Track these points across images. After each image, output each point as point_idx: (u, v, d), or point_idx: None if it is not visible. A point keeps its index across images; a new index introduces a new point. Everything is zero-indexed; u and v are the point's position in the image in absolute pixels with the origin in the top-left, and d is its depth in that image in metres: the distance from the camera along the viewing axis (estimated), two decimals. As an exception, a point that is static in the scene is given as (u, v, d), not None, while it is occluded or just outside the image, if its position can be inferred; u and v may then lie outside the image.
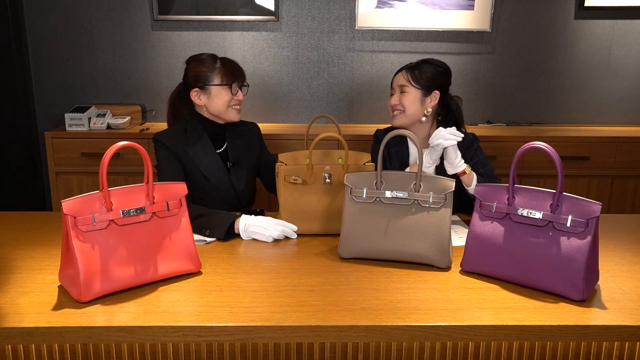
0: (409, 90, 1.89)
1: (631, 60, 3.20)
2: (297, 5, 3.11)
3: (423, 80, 1.89)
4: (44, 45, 3.14)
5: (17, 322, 1.09)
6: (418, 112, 1.90)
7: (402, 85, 1.90)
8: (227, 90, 1.85)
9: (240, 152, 1.95)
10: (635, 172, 2.92)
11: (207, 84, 1.85)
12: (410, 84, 1.89)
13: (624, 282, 1.31)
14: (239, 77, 1.89)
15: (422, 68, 1.91)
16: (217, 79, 1.85)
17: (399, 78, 1.93)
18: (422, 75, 1.89)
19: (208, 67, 1.86)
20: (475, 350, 1.24)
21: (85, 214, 1.18)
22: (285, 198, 1.64)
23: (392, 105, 1.94)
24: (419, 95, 1.89)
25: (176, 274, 1.31)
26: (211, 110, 1.87)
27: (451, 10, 3.08)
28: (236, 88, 1.88)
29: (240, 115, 1.93)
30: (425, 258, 1.38)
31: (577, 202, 1.21)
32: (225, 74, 1.86)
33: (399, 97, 1.91)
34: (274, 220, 1.62)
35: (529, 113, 3.27)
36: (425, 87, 1.89)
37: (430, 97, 1.90)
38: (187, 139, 1.86)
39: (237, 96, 1.88)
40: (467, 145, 1.90)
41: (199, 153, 1.86)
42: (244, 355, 1.23)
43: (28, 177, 3.18)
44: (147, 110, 3.20)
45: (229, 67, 1.87)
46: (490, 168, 1.89)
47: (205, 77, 1.85)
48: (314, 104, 3.24)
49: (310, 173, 1.63)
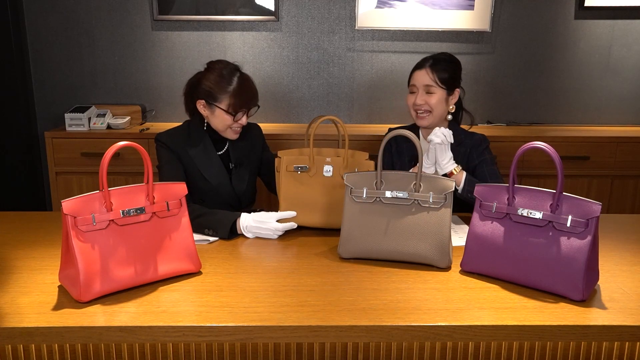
0: (435, 90, 1.87)
1: (631, 60, 3.20)
2: (297, 5, 3.11)
3: (448, 79, 1.88)
4: (44, 45, 3.13)
5: (17, 322, 1.09)
6: (444, 111, 1.91)
7: (428, 86, 1.87)
8: (230, 116, 1.79)
9: (243, 152, 1.94)
10: (635, 172, 2.92)
11: (214, 103, 1.79)
12: (437, 85, 1.86)
13: (624, 282, 1.31)
14: (248, 105, 1.82)
15: (444, 66, 1.88)
16: (224, 103, 1.78)
17: (424, 77, 1.88)
18: (446, 74, 1.87)
19: (221, 87, 1.77)
20: (475, 350, 1.24)
21: (85, 214, 1.18)
22: (287, 188, 1.65)
23: (418, 105, 1.89)
24: (444, 95, 1.89)
25: (176, 274, 1.31)
26: (211, 124, 1.84)
27: (451, 10, 3.07)
28: (241, 115, 1.82)
29: (238, 135, 1.87)
30: (425, 258, 1.38)
31: (577, 202, 1.21)
32: (234, 103, 1.78)
33: (425, 97, 1.88)
34: (270, 214, 1.62)
35: (529, 113, 3.27)
36: (450, 86, 1.89)
37: (453, 95, 1.91)
38: (189, 140, 1.85)
39: (240, 121, 1.82)
40: (475, 144, 1.90)
41: (200, 154, 1.84)
42: (244, 355, 1.23)
43: (28, 177, 3.18)
44: (147, 110, 3.20)
45: (241, 93, 1.79)
46: (496, 168, 1.90)
47: (214, 96, 1.78)
48: (314, 104, 3.24)
49: (312, 163, 1.63)
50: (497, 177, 1.85)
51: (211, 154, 1.87)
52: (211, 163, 1.86)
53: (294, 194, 1.64)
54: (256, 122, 2.11)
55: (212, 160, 1.87)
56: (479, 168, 1.88)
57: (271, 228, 1.59)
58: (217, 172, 1.87)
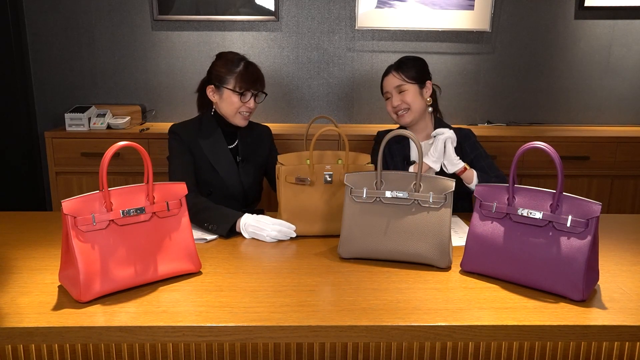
0: (407, 87, 1.94)
1: (631, 60, 3.20)
2: (297, 5, 3.11)
3: (415, 75, 1.95)
4: (44, 45, 3.13)
5: (17, 322, 1.09)
6: (421, 105, 1.96)
7: (399, 85, 1.95)
8: (238, 96, 1.85)
9: (250, 149, 1.98)
10: (635, 172, 2.92)
11: (222, 85, 1.86)
12: (406, 82, 1.94)
13: (624, 282, 1.31)
14: (254, 86, 1.88)
15: (407, 65, 1.96)
16: (231, 84, 1.85)
17: (391, 80, 1.97)
18: (411, 70, 1.95)
19: (228, 68, 1.86)
20: (475, 350, 1.24)
21: (85, 214, 1.18)
22: (287, 199, 1.63)
23: (395, 107, 1.97)
24: (417, 90, 1.95)
25: (176, 274, 1.31)
26: (221, 110, 1.90)
27: (451, 10, 3.07)
28: (248, 96, 1.87)
29: (247, 122, 1.93)
30: (425, 258, 1.38)
31: (577, 202, 1.21)
32: (241, 81, 1.85)
33: (400, 97, 1.96)
34: (273, 220, 1.62)
35: (529, 113, 3.27)
36: (419, 80, 1.96)
37: (426, 88, 1.98)
38: (201, 132, 1.90)
39: (248, 104, 1.88)
40: (465, 137, 1.96)
41: (210, 145, 1.89)
42: (244, 355, 1.23)
43: (28, 177, 3.18)
44: (147, 110, 3.20)
45: (247, 74, 1.86)
46: (491, 161, 1.94)
47: (222, 77, 1.86)
48: (314, 104, 3.24)
49: (312, 173, 1.62)
50: (496, 169, 1.91)
51: (222, 146, 1.91)
52: (221, 155, 1.90)
53: (294, 206, 1.63)
54: (257, 121, 2.12)
55: (223, 152, 1.91)
56: (475, 162, 1.93)
57: (266, 235, 1.58)
58: (226, 163, 1.90)
